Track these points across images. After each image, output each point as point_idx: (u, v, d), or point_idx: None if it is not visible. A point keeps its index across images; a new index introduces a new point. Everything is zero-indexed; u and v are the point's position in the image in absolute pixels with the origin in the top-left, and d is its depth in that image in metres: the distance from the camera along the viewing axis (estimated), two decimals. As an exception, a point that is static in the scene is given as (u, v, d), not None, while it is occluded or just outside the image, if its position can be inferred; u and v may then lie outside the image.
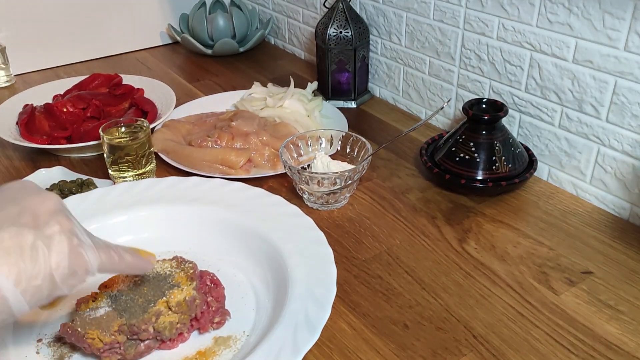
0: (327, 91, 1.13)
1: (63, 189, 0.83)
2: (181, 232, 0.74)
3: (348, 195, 0.83)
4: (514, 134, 0.91)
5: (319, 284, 0.61)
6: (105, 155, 0.85)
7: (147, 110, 1.03)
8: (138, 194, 0.77)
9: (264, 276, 0.68)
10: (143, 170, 0.86)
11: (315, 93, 1.14)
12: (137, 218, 0.75)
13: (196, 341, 0.61)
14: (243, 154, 0.90)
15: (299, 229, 0.70)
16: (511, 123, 0.91)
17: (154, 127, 0.99)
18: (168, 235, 0.74)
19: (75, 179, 0.85)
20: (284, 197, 0.85)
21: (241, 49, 1.38)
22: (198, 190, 0.78)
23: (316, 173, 0.80)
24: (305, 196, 0.83)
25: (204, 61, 1.37)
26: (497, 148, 0.83)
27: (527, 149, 0.88)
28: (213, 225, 0.74)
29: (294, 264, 0.65)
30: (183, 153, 0.92)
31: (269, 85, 1.13)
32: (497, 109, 0.85)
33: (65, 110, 1.01)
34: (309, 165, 0.84)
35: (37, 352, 0.60)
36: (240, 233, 0.72)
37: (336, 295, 0.67)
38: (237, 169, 0.90)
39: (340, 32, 1.06)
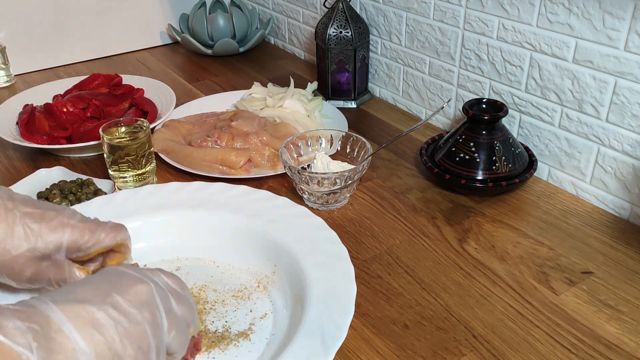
0: (327, 91, 1.13)
1: (63, 189, 0.83)
2: (196, 239, 0.72)
3: (348, 195, 0.83)
4: (514, 134, 0.91)
5: (338, 304, 0.59)
6: (105, 156, 0.85)
7: (147, 110, 1.03)
8: (142, 200, 0.75)
9: (281, 288, 0.66)
10: (143, 170, 0.86)
11: (315, 93, 1.14)
12: (149, 224, 0.72)
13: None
14: (243, 154, 0.90)
15: (322, 242, 0.68)
16: (511, 123, 0.91)
17: (154, 127, 0.99)
18: (179, 243, 0.72)
19: (75, 179, 0.85)
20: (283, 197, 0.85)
21: (241, 49, 1.38)
22: (204, 194, 0.76)
23: (316, 173, 0.80)
24: (305, 196, 0.83)
25: (204, 61, 1.37)
26: (497, 148, 0.83)
27: (527, 149, 0.88)
28: (230, 232, 0.71)
29: (314, 278, 0.62)
30: (183, 153, 0.92)
31: (269, 85, 1.13)
32: (497, 109, 0.85)
33: (65, 110, 1.01)
34: (309, 165, 0.84)
35: None
36: (257, 242, 0.70)
37: (336, 295, 0.67)
38: (237, 169, 0.90)
39: (340, 32, 1.06)
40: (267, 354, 0.59)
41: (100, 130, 0.84)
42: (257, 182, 0.89)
